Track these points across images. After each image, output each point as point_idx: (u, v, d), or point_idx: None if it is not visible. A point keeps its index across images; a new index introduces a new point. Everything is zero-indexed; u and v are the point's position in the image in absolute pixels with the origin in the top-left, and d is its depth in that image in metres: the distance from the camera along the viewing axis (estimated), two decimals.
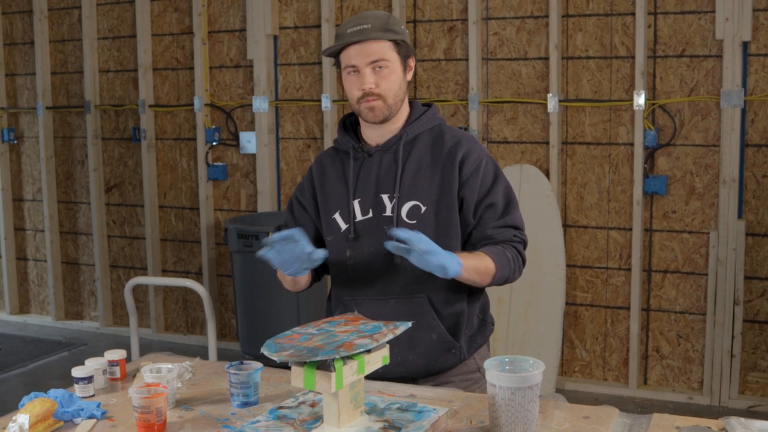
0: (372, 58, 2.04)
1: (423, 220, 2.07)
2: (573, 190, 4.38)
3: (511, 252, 2.08)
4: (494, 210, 2.09)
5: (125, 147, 5.48)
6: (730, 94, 3.97)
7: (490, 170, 2.12)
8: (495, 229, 2.09)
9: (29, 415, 1.71)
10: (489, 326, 2.24)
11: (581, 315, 4.43)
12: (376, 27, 2.04)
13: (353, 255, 2.12)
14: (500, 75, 4.42)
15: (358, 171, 2.15)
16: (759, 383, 4.14)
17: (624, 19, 4.17)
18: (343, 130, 2.22)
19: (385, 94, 2.06)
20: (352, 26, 2.06)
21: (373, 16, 2.08)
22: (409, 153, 2.12)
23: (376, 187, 2.12)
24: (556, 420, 1.77)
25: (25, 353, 5.18)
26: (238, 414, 1.84)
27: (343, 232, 2.14)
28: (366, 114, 2.09)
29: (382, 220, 2.10)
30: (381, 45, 2.05)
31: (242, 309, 4.55)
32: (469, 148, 2.11)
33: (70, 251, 5.78)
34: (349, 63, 2.06)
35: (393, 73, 2.07)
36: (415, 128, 2.14)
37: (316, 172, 2.24)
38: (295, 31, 4.89)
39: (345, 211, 2.15)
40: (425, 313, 2.08)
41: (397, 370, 2.08)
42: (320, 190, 2.20)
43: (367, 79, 2.05)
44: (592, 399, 4.22)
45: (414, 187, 2.09)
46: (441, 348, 2.10)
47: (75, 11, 5.48)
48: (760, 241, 4.08)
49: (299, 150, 4.97)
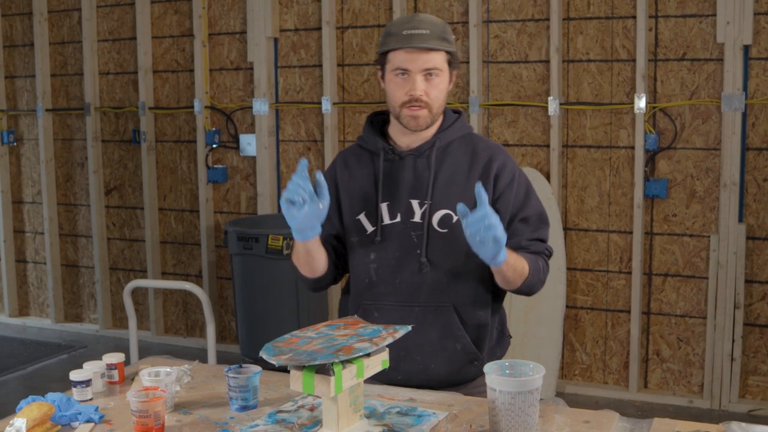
0: (427, 66, 2.01)
1: (455, 230, 2.04)
2: (573, 193, 4.37)
3: (542, 262, 2.08)
4: (527, 224, 2.09)
5: (125, 149, 5.47)
6: (731, 98, 3.97)
7: (523, 184, 2.11)
8: (528, 241, 2.08)
9: (26, 419, 1.70)
10: (507, 339, 2.22)
11: (582, 318, 4.42)
12: (434, 35, 2.01)
13: (377, 258, 2.09)
14: (501, 78, 4.42)
15: (387, 173, 2.11)
16: (759, 387, 4.13)
17: (625, 23, 4.17)
18: (371, 128, 2.17)
19: (432, 103, 2.04)
20: (409, 28, 2.01)
21: (431, 21, 2.04)
22: (442, 160, 2.09)
23: (406, 191, 2.08)
24: (556, 424, 1.76)
25: (24, 356, 5.17)
26: (237, 418, 1.83)
27: (369, 235, 2.10)
28: (408, 121, 2.05)
29: (410, 226, 2.07)
30: (438, 54, 2.02)
31: (242, 312, 4.54)
32: (503, 161, 2.09)
33: (69, 254, 5.78)
34: (401, 65, 2.02)
35: (442, 82, 2.05)
36: (447, 135, 2.11)
37: (339, 170, 2.18)
38: (295, 34, 4.89)
39: (372, 213, 2.10)
40: (452, 322, 2.06)
41: (418, 378, 2.07)
42: (344, 189, 2.15)
43: (418, 85, 2.01)
44: (592, 402, 4.21)
45: (447, 196, 2.06)
46: (464, 359, 2.08)
47: (75, 13, 5.48)
48: (760, 244, 4.07)
49: (299, 152, 4.96)
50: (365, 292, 2.11)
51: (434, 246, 2.05)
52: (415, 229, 2.06)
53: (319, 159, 4.89)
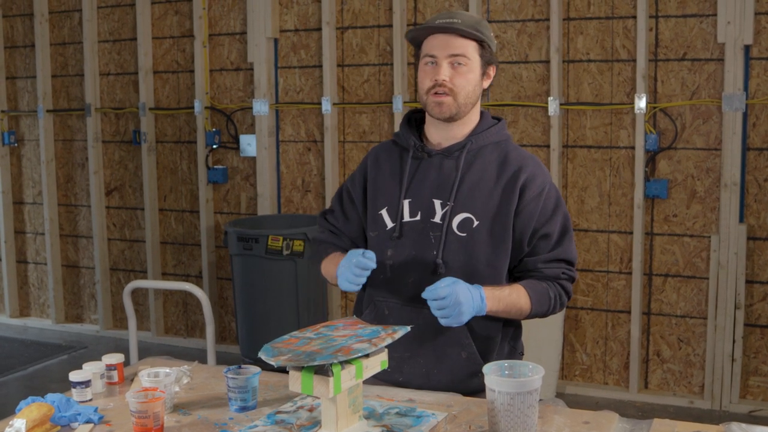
0: (453, 51, 1.99)
1: (474, 235, 2.02)
2: (574, 194, 4.37)
3: (554, 290, 2.04)
4: (548, 241, 2.04)
5: (125, 150, 5.47)
6: (731, 98, 3.96)
7: (551, 198, 2.06)
8: (545, 264, 2.04)
9: (26, 420, 1.70)
10: (518, 355, 2.17)
11: (582, 319, 4.42)
12: (465, 23, 2.00)
13: (394, 255, 2.07)
14: (501, 78, 4.42)
15: (414, 170, 2.09)
16: (760, 387, 4.13)
17: (625, 23, 4.17)
18: (407, 125, 2.16)
19: (458, 90, 2.01)
20: (443, 18, 2.02)
21: (466, 15, 2.05)
22: (471, 163, 2.06)
23: (430, 190, 2.06)
24: (555, 425, 1.76)
25: (25, 356, 5.17)
26: (236, 418, 1.83)
27: (388, 231, 2.08)
28: (432, 108, 2.03)
29: (430, 226, 2.05)
30: (465, 42, 2.00)
31: (242, 312, 4.54)
32: (533, 173, 2.05)
33: (70, 254, 5.78)
34: (429, 52, 2.02)
35: (471, 72, 2.02)
36: (481, 139, 2.08)
37: (370, 164, 2.18)
38: (295, 34, 4.89)
39: (393, 208, 2.09)
40: (459, 329, 2.01)
41: (419, 382, 2.05)
42: (372, 183, 2.15)
43: (442, 71, 2.00)
44: (592, 403, 4.20)
45: (471, 200, 2.03)
46: (468, 369, 2.04)
47: (76, 14, 5.48)
48: (761, 245, 4.07)
49: (299, 153, 4.96)
50: (379, 289, 2.09)
51: (451, 248, 2.03)
52: (434, 230, 2.04)
53: (319, 160, 4.89)
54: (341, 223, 2.24)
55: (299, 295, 4.39)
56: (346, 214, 2.22)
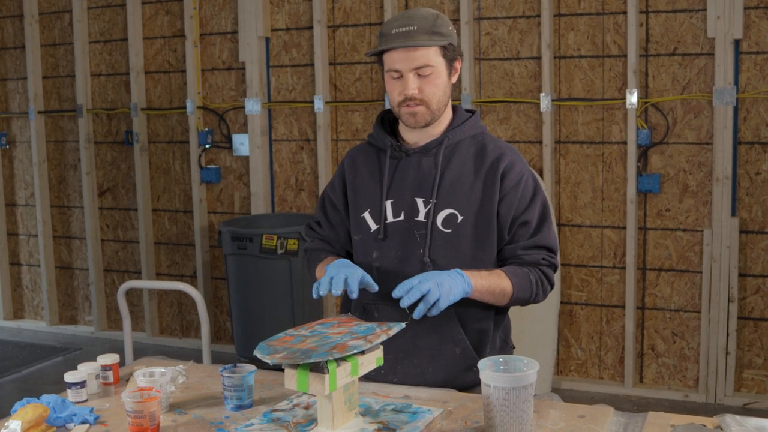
0: (416, 64, 1.96)
1: (459, 230, 2.01)
2: (567, 189, 4.38)
3: (535, 275, 2.03)
4: (527, 228, 2.04)
5: (118, 150, 5.46)
6: (722, 92, 3.98)
7: (530, 187, 2.06)
8: (524, 250, 2.04)
9: (21, 421, 1.70)
10: (510, 349, 2.17)
11: (576, 314, 4.43)
12: (422, 29, 1.96)
13: (380, 257, 2.06)
14: (493, 75, 4.42)
15: (393, 171, 2.08)
16: (754, 380, 4.14)
17: (616, 18, 4.18)
18: (380, 126, 2.15)
19: (429, 99, 2.00)
20: (398, 26, 1.97)
21: (420, 16, 1.99)
22: (449, 159, 2.06)
23: (411, 189, 2.05)
24: (551, 419, 1.76)
25: (19, 359, 5.16)
26: (232, 417, 1.83)
27: (372, 233, 2.07)
28: (407, 119, 2.02)
29: (414, 225, 2.04)
30: (426, 50, 1.96)
31: (237, 312, 4.54)
32: (511, 161, 2.05)
33: (63, 256, 5.77)
34: (392, 67, 1.99)
35: (438, 77, 1.99)
36: (457, 134, 2.07)
37: (347, 167, 2.16)
38: (287, 33, 4.89)
39: (376, 210, 2.08)
40: (452, 326, 2.02)
41: (414, 381, 2.04)
42: (351, 186, 2.14)
43: (410, 84, 1.97)
44: (588, 397, 4.22)
45: (452, 195, 2.03)
46: (463, 364, 2.04)
47: (66, 15, 5.46)
48: (753, 238, 4.08)
49: (292, 152, 4.96)
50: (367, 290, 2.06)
51: (437, 246, 2.02)
52: (419, 228, 2.03)
53: (312, 158, 4.89)
54: (328, 232, 2.22)
55: (294, 294, 4.39)
56: (331, 222, 2.20)
